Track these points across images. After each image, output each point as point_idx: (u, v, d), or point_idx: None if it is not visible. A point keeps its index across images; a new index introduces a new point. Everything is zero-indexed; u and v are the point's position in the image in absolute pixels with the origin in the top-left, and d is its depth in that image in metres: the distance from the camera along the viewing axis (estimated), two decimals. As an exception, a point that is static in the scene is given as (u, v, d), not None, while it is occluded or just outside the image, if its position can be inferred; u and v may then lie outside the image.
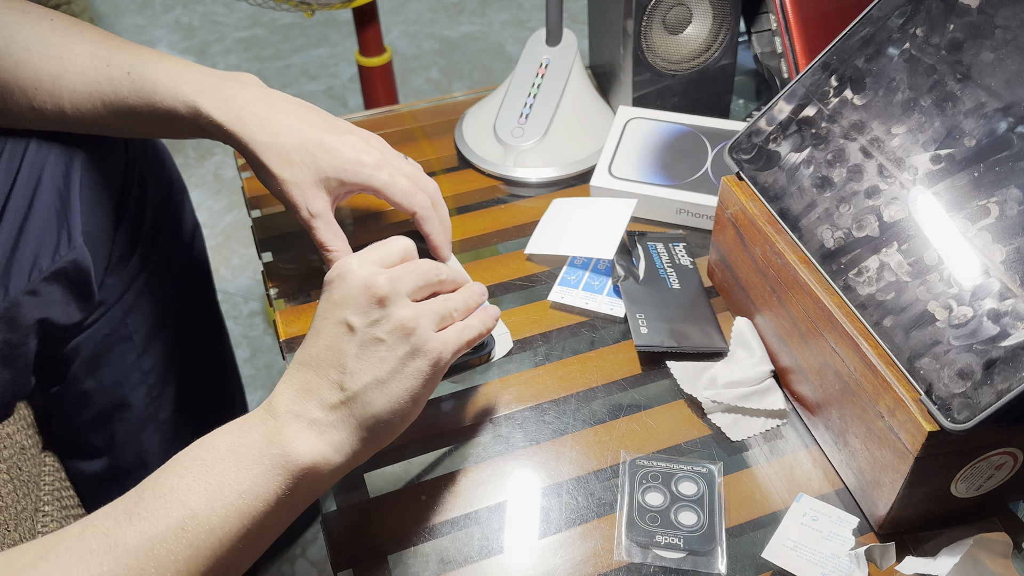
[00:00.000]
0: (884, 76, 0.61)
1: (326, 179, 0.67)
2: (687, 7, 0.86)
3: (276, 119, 0.67)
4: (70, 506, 0.81)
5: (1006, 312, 0.48)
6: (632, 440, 0.64)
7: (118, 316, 0.81)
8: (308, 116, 0.69)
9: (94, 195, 0.75)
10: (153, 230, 0.83)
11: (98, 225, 0.76)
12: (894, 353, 0.52)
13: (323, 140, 0.67)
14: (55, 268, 0.73)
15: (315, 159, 0.67)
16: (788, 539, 0.57)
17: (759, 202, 0.65)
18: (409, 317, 0.53)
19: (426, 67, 2.20)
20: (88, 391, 0.83)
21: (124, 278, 0.81)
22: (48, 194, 0.72)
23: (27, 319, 0.73)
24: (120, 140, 0.78)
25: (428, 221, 0.71)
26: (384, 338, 0.52)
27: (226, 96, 0.67)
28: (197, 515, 0.47)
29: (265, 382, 1.47)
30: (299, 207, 0.68)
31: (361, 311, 0.52)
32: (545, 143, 0.88)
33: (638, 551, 0.57)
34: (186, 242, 0.90)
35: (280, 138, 0.67)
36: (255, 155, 0.67)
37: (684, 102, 0.92)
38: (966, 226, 0.52)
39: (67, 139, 0.73)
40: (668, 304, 0.72)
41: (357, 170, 0.68)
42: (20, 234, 0.71)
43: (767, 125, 0.67)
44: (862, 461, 0.57)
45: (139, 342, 0.83)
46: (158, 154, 0.85)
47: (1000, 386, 0.47)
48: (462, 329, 0.56)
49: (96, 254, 0.76)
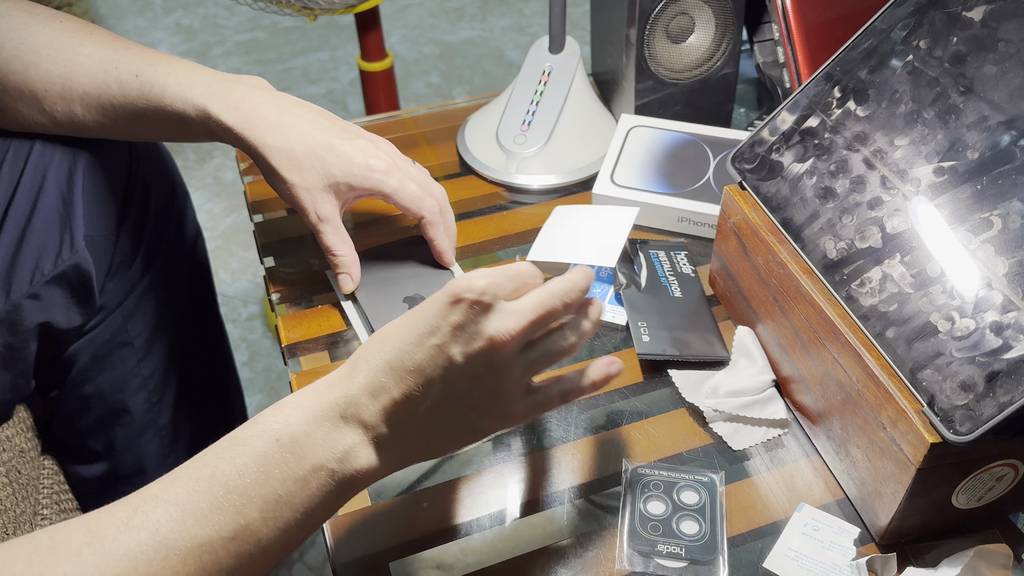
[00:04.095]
0: (887, 88, 0.61)
1: (335, 183, 0.68)
2: (690, 16, 0.86)
3: (286, 123, 0.67)
4: (68, 509, 0.81)
5: (1009, 325, 0.48)
6: (633, 449, 0.64)
7: (119, 321, 0.81)
8: (318, 120, 0.69)
9: (97, 199, 0.75)
10: (155, 235, 0.83)
11: (100, 230, 0.76)
12: (896, 364, 0.53)
13: (333, 144, 0.67)
14: (57, 272, 0.72)
15: (325, 163, 0.67)
16: (789, 549, 0.57)
17: (762, 212, 0.65)
18: (512, 385, 0.50)
19: (426, 72, 2.20)
20: (88, 396, 0.83)
21: (125, 283, 0.81)
22: (51, 198, 0.72)
23: (28, 323, 0.73)
24: (124, 144, 0.78)
25: (435, 226, 0.71)
26: (476, 392, 0.49)
27: (236, 99, 0.67)
28: (251, 526, 0.45)
29: (263, 386, 1.47)
30: (308, 211, 0.68)
31: (471, 358, 0.48)
32: (547, 150, 0.88)
33: (640, 560, 0.57)
34: (188, 247, 0.90)
35: (290, 142, 0.67)
36: (265, 159, 0.67)
37: (686, 111, 0.92)
38: (969, 238, 0.52)
39: (71, 142, 0.73)
40: (670, 312, 0.73)
41: (367, 175, 0.68)
42: (23, 237, 0.71)
43: (770, 135, 0.67)
44: (863, 471, 0.57)
45: (139, 347, 0.83)
46: (161, 159, 0.85)
47: (1002, 398, 0.47)
48: (553, 397, 0.53)
49: (98, 259, 0.76)
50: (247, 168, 0.91)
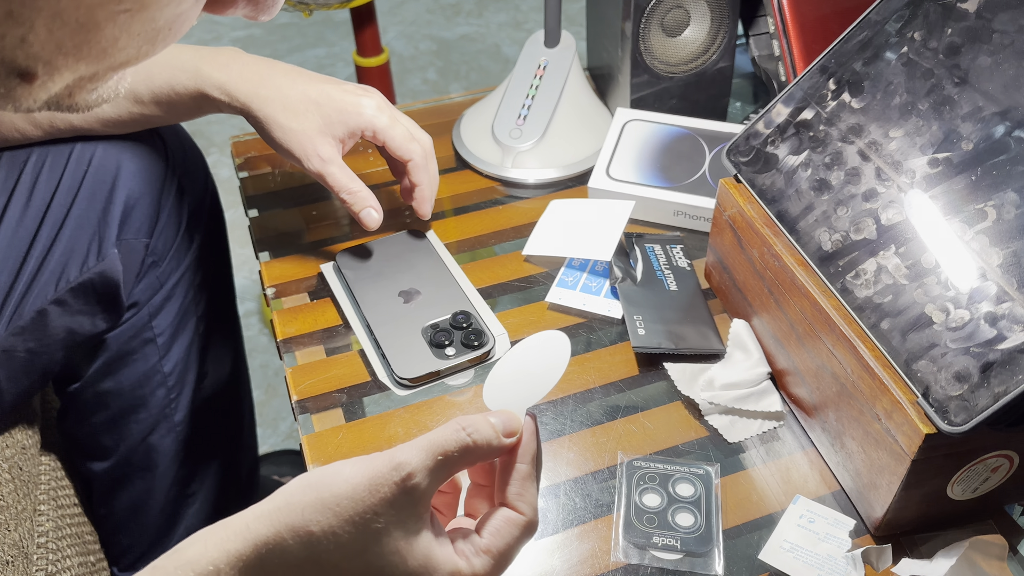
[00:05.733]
0: (882, 80, 0.61)
1: (331, 125, 0.70)
2: (685, 9, 0.86)
3: (275, 75, 0.70)
4: (66, 506, 0.81)
5: (1003, 315, 0.49)
6: (629, 441, 0.64)
7: (144, 319, 0.81)
8: (303, 72, 0.72)
9: (136, 203, 0.75)
10: (187, 234, 0.83)
11: (135, 233, 0.76)
12: (891, 356, 0.53)
13: (324, 89, 0.70)
14: (83, 279, 0.73)
15: (320, 107, 0.70)
16: (785, 541, 0.57)
17: (757, 204, 0.65)
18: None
19: (423, 68, 2.20)
20: (107, 391, 0.82)
21: (154, 281, 0.81)
22: (90, 203, 0.73)
23: (53, 328, 0.73)
24: (160, 144, 0.78)
25: (420, 170, 0.74)
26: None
27: (224, 60, 0.69)
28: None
29: (260, 382, 1.47)
30: (310, 155, 0.70)
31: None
32: (543, 144, 0.88)
33: (635, 552, 0.57)
34: (215, 243, 0.90)
35: (283, 90, 0.69)
36: (260, 110, 0.69)
37: (682, 104, 0.92)
38: (963, 229, 0.52)
39: (111, 145, 0.74)
40: (666, 306, 0.73)
41: (359, 111, 0.71)
42: (54, 242, 0.72)
43: (765, 128, 0.67)
44: (859, 463, 0.57)
45: (162, 344, 0.83)
46: (195, 155, 0.85)
47: (997, 389, 0.47)
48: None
49: (130, 261, 0.76)
50: (242, 163, 0.91)
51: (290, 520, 0.40)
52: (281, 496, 0.41)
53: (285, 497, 0.41)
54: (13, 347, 0.71)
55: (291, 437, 1.39)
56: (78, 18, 0.27)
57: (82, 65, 0.29)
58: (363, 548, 0.40)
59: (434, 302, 0.73)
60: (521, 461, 0.44)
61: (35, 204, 0.72)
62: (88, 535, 0.84)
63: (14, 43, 0.27)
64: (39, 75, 0.28)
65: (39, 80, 0.29)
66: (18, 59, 0.27)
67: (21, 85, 0.29)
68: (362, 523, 0.40)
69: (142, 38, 0.29)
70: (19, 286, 0.71)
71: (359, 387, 0.68)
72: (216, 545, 0.40)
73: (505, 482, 0.44)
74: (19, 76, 0.28)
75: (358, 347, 0.71)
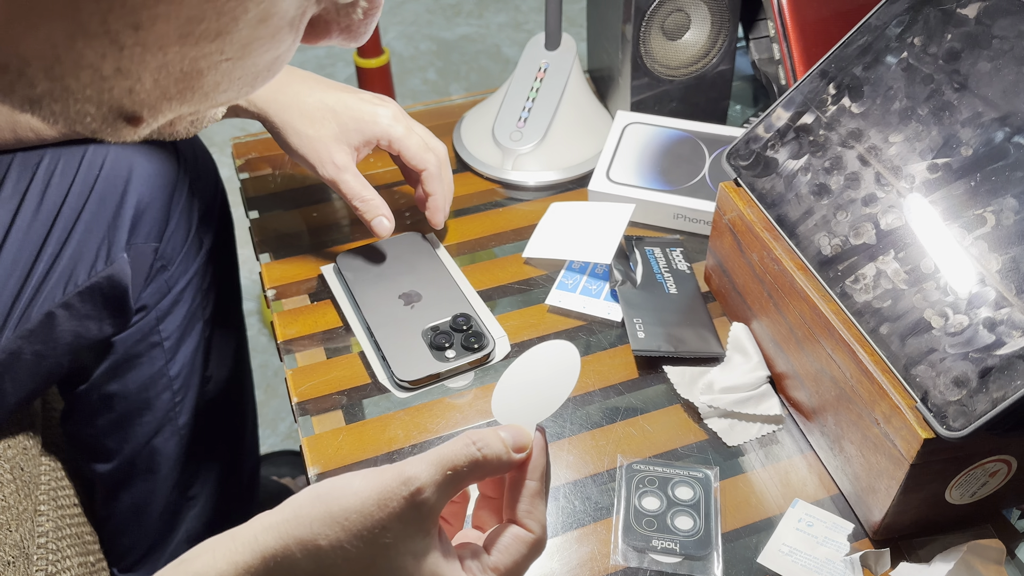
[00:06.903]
0: (882, 85, 0.61)
1: (347, 133, 0.71)
2: (686, 13, 0.86)
3: (293, 82, 0.71)
4: (66, 506, 0.81)
5: (1002, 321, 0.49)
6: (629, 444, 0.64)
7: (152, 322, 0.81)
8: (322, 80, 0.72)
9: (146, 208, 0.75)
10: (197, 238, 0.83)
11: (144, 238, 0.76)
12: (890, 360, 0.53)
13: (342, 97, 0.71)
14: (91, 283, 0.73)
15: (336, 115, 0.70)
16: (783, 544, 0.57)
17: (756, 208, 0.66)
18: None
19: (423, 68, 2.20)
20: (112, 394, 0.82)
21: (163, 285, 0.81)
22: (101, 207, 0.73)
23: (60, 332, 0.73)
24: (172, 151, 0.78)
25: (434, 180, 0.74)
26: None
27: None
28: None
29: (260, 382, 1.47)
30: (324, 162, 0.70)
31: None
32: (543, 147, 0.88)
33: (634, 555, 0.57)
34: (223, 246, 0.90)
35: (301, 98, 0.70)
36: (277, 116, 0.70)
37: (682, 107, 0.92)
38: (962, 235, 0.53)
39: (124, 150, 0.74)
40: (665, 309, 0.73)
41: (376, 121, 0.71)
42: (63, 246, 0.72)
43: (765, 132, 0.67)
44: (857, 467, 0.57)
45: (169, 348, 0.83)
46: (206, 159, 0.85)
47: (995, 394, 0.47)
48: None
49: (140, 266, 0.76)
50: (243, 165, 0.91)
51: (298, 533, 0.40)
52: (290, 507, 0.41)
53: (294, 509, 0.41)
54: (20, 350, 0.72)
55: (290, 437, 1.39)
56: (183, 68, 0.28)
57: (185, 107, 0.30)
58: (371, 563, 0.40)
59: (434, 304, 0.73)
60: (531, 478, 0.44)
61: (46, 208, 0.72)
62: (88, 536, 0.84)
63: (122, 93, 0.28)
64: (145, 119, 0.30)
65: (144, 123, 0.30)
66: (125, 106, 0.29)
67: (127, 127, 0.30)
68: (370, 537, 0.40)
69: (243, 81, 0.30)
70: (28, 289, 0.71)
71: (359, 389, 0.68)
72: (224, 556, 0.40)
73: (514, 499, 0.44)
74: (126, 120, 0.30)
75: (358, 349, 0.71)
